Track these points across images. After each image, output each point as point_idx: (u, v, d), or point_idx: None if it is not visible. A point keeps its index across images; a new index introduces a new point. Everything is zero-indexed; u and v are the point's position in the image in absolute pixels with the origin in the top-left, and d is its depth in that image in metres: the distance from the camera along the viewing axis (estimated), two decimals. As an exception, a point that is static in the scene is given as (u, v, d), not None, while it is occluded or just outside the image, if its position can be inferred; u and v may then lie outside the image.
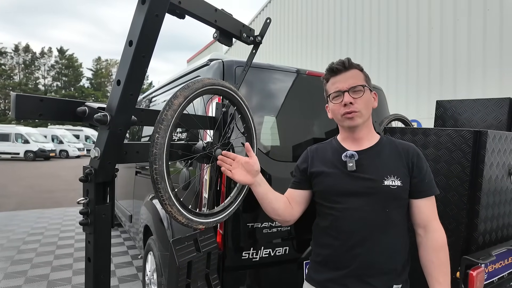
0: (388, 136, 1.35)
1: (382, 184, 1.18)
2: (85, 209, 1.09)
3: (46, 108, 1.06)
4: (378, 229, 1.18)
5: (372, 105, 1.28)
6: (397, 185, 1.18)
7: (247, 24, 1.62)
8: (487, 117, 2.28)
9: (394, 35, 6.39)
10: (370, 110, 1.27)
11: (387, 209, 1.18)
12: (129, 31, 1.04)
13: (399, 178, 1.19)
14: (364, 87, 1.23)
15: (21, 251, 4.14)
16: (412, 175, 1.21)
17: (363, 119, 1.24)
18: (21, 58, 47.74)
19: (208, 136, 1.77)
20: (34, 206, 6.99)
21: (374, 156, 1.24)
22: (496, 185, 1.75)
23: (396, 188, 1.18)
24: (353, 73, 1.25)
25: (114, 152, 1.11)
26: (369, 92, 1.26)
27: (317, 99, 2.20)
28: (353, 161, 1.22)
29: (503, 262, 1.82)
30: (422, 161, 1.24)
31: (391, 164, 1.21)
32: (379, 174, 1.19)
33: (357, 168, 1.22)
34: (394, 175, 1.19)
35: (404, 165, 1.21)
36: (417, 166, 1.22)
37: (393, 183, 1.18)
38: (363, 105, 1.22)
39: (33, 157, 19.67)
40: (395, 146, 1.27)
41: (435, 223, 1.23)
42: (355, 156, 1.23)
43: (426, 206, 1.22)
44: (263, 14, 12.57)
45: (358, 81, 1.23)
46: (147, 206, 2.48)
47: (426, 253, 1.21)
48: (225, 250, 1.75)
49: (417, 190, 1.21)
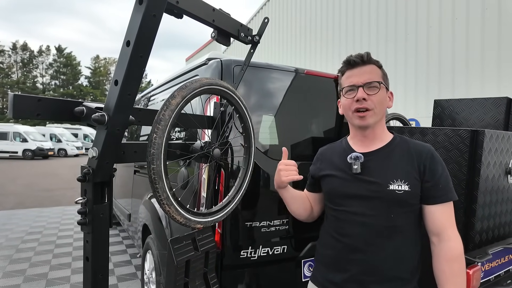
0: (403, 136, 1.25)
1: (387, 189, 1.12)
2: (83, 209, 1.09)
3: (43, 108, 1.06)
4: (382, 235, 1.13)
5: (387, 104, 1.21)
6: (403, 190, 1.11)
7: (245, 24, 1.62)
8: (484, 116, 2.28)
9: (392, 34, 6.39)
10: (384, 109, 1.20)
11: (392, 214, 1.12)
12: (127, 31, 1.04)
13: (407, 182, 1.11)
14: (380, 84, 1.16)
15: (20, 250, 4.14)
16: (424, 179, 1.13)
17: (375, 119, 1.17)
18: (19, 56, 47.58)
19: (206, 136, 1.78)
20: (32, 205, 6.98)
21: (383, 158, 1.18)
22: (493, 184, 1.76)
23: (403, 193, 1.11)
24: (371, 68, 1.18)
25: (112, 152, 1.11)
26: (385, 91, 1.19)
27: (316, 99, 2.20)
28: (358, 163, 1.18)
29: (499, 261, 1.83)
30: (437, 164, 1.14)
31: (401, 167, 1.14)
32: (385, 177, 1.14)
33: (363, 170, 1.18)
34: (402, 179, 1.12)
35: (415, 168, 1.13)
36: (430, 169, 1.13)
37: (399, 187, 1.11)
38: (377, 103, 1.16)
39: (32, 155, 19.63)
40: (407, 147, 1.18)
41: (451, 231, 1.12)
42: (361, 158, 1.18)
43: (440, 212, 1.13)
44: (261, 12, 12.55)
45: (374, 77, 1.16)
46: (146, 205, 2.49)
47: (439, 263, 1.12)
48: (224, 249, 1.76)
49: (430, 195, 1.13)
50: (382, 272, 1.13)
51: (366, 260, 1.14)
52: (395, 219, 1.13)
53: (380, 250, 1.13)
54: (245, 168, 1.56)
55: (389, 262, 1.13)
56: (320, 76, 2.25)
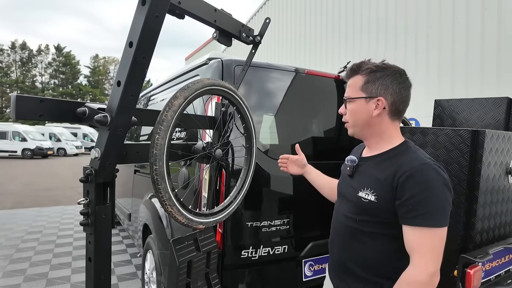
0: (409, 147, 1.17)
1: (357, 194, 1.17)
2: (85, 210, 1.09)
3: (45, 109, 1.06)
4: (351, 236, 1.19)
5: (365, 114, 1.16)
6: (369, 199, 1.12)
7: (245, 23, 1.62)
8: (485, 116, 2.29)
9: (392, 34, 6.39)
10: (362, 119, 1.18)
11: (357, 218, 1.17)
12: (129, 32, 1.04)
13: (375, 194, 1.11)
14: (353, 99, 1.18)
15: (20, 250, 4.13)
16: (396, 196, 1.06)
17: (353, 129, 1.22)
18: (18, 55, 47.45)
19: (207, 136, 1.78)
20: (32, 204, 6.98)
21: (373, 164, 1.19)
22: (494, 184, 1.76)
23: (368, 202, 1.12)
24: (353, 81, 1.20)
25: (114, 153, 1.11)
26: (363, 101, 1.16)
27: (316, 98, 2.20)
28: (352, 166, 1.24)
29: (500, 261, 1.84)
30: (414, 184, 1.03)
31: (375, 177, 1.14)
32: (360, 183, 1.18)
33: (354, 173, 1.24)
34: (371, 189, 1.12)
35: (389, 182, 1.08)
36: (402, 188, 1.04)
37: (366, 196, 1.13)
38: (350, 116, 1.20)
39: (31, 155, 19.59)
40: (397, 160, 1.12)
41: (417, 257, 1.02)
42: (354, 162, 1.24)
43: (408, 234, 1.05)
44: (261, 12, 12.54)
45: (350, 91, 1.20)
46: (146, 205, 2.49)
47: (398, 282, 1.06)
48: (225, 248, 1.76)
49: (399, 214, 1.06)
50: (351, 271, 1.19)
51: (338, 255, 1.27)
52: (363, 225, 1.15)
53: (351, 249, 1.20)
54: (246, 168, 1.56)
55: (358, 263, 1.18)
56: (321, 76, 2.25)
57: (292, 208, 1.98)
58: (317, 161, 2.08)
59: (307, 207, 2.03)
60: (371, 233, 1.14)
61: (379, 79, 1.15)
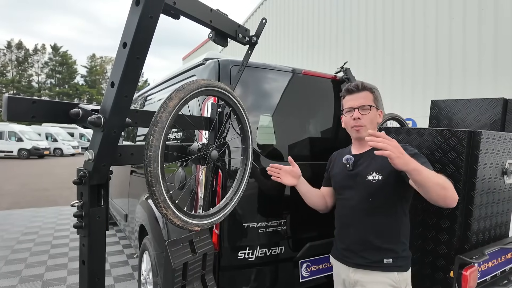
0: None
1: (365, 179, 1.49)
2: (79, 212, 1.08)
3: (38, 110, 1.04)
4: (364, 213, 1.49)
5: (377, 120, 1.58)
6: (377, 179, 1.46)
7: (241, 24, 1.62)
8: (481, 117, 2.29)
9: (389, 34, 6.40)
10: (375, 124, 1.57)
11: (370, 198, 1.47)
12: (123, 33, 1.03)
13: (382, 174, 1.46)
14: (371, 107, 1.53)
15: (15, 251, 4.10)
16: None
17: (366, 133, 1.40)
18: (14, 55, 47.17)
19: (203, 137, 1.77)
20: (28, 205, 6.93)
21: (369, 157, 1.54)
22: (490, 185, 1.76)
23: (377, 181, 1.46)
24: (364, 94, 1.54)
25: (108, 154, 1.10)
26: (376, 111, 1.56)
27: (313, 99, 2.20)
28: (350, 163, 1.58)
29: (496, 261, 1.85)
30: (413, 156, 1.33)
31: (379, 163, 1.46)
32: (365, 171, 1.51)
33: (354, 167, 1.57)
34: (377, 172, 1.47)
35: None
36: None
37: (374, 177, 1.47)
38: (369, 120, 1.53)
39: (27, 155, 19.48)
40: None
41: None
42: (351, 159, 1.58)
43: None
44: (258, 12, 12.53)
45: (367, 101, 1.53)
46: (143, 206, 2.47)
47: None
48: (221, 249, 1.75)
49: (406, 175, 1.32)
50: (368, 242, 1.47)
51: (355, 234, 1.51)
52: (374, 201, 1.47)
53: (364, 225, 1.48)
54: (243, 169, 1.55)
55: (373, 234, 1.46)
56: (318, 77, 2.25)
57: (289, 208, 1.97)
58: (314, 161, 2.07)
59: (304, 208, 2.02)
60: (382, 207, 1.46)
61: (378, 97, 1.61)
